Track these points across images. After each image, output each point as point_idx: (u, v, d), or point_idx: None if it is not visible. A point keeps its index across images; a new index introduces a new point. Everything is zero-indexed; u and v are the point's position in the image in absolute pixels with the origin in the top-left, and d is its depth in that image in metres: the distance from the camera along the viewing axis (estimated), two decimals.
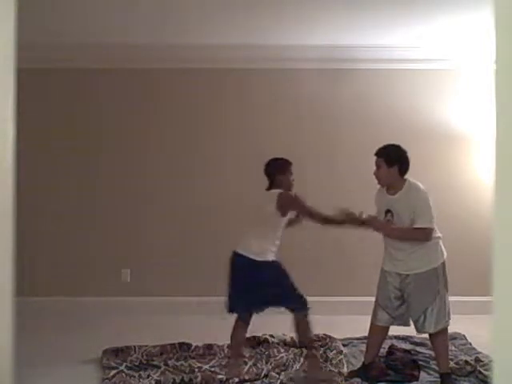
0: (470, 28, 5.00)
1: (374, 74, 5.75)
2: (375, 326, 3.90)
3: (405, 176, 3.78)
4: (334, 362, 4.13)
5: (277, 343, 4.51)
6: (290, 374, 3.99)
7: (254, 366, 4.05)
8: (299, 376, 3.96)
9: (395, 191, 3.76)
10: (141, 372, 3.99)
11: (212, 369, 4.03)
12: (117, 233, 5.77)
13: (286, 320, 5.38)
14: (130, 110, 5.80)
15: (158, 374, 3.94)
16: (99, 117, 5.81)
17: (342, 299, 5.62)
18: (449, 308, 3.76)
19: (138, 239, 5.78)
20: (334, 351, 4.32)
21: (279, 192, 3.98)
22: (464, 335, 4.81)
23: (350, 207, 3.81)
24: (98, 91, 5.79)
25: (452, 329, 4.82)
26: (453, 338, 4.69)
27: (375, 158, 3.81)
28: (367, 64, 5.69)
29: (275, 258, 4.00)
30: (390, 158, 3.74)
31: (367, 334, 4.00)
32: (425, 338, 4.53)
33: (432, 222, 3.66)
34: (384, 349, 4.28)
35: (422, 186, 3.76)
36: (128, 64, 5.69)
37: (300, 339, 4.08)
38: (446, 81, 5.76)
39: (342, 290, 5.69)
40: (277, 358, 4.21)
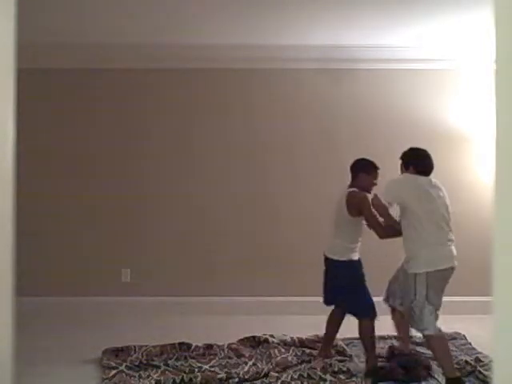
0: (470, 28, 5.00)
1: (374, 74, 5.75)
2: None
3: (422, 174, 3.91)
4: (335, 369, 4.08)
5: (277, 343, 4.51)
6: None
7: (253, 366, 4.05)
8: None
9: None
10: (141, 372, 3.99)
11: (212, 369, 4.03)
12: (117, 233, 5.77)
13: (286, 320, 5.39)
14: (130, 110, 5.80)
15: (157, 374, 3.94)
16: (99, 117, 5.81)
17: None
18: (429, 318, 3.63)
19: (138, 239, 5.78)
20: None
21: (349, 190, 3.99)
22: (464, 335, 4.81)
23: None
24: (98, 91, 5.79)
25: (452, 329, 4.84)
26: (453, 338, 4.69)
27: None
28: (367, 64, 5.69)
29: (352, 258, 4.00)
30: (404, 160, 3.96)
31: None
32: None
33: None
34: (382, 349, 4.28)
35: (406, 177, 3.90)
36: (128, 64, 5.69)
37: (362, 343, 4.07)
38: (446, 81, 5.77)
39: None
40: (277, 358, 4.21)
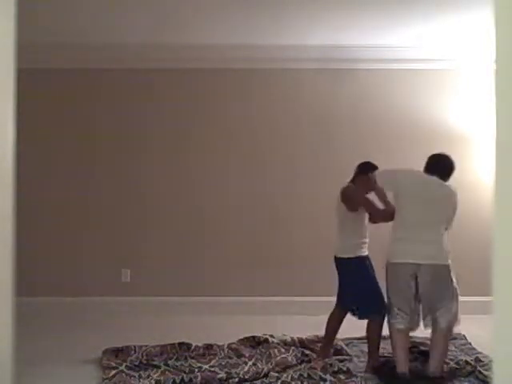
0: (470, 28, 5.00)
1: (374, 74, 5.75)
2: (397, 332, 3.81)
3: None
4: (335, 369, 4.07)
5: (277, 343, 4.50)
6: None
7: (253, 366, 4.05)
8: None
9: None
10: (141, 372, 3.98)
11: (212, 369, 4.02)
12: (117, 233, 5.77)
13: (286, 320, 5.38)
14: (130, 110, 5.80)
15: (158, 374, 3.94)
16: (99, 117, 5.81)
17: None
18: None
19: (138, 239, 5.78)
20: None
21: (342, 186, 4.07)
22: (464, 335, 4.80)
23: None
24: (98, 91, 5.79)
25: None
26: (453, 338, 4.69)
27: None
28: (367, 64, 5.69)
29: (361, 254, 4.05)
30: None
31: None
32: (425, 337, 4.54)
33: None
34: (384, 349, 4.27)
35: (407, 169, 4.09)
36: (128, 64, 5.69)
37: (368, 341, 4.06)
38: (445, 81, 5.77)
39: None
40: (277, 358, 4.21)
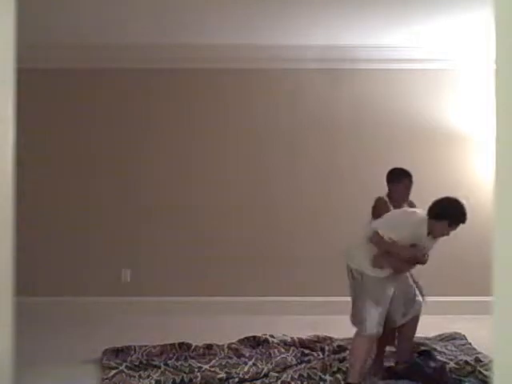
0: (470, 28, 5.00)
1: (374, 74, 5.75)
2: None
3: None
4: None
5: (277, 343, 4.50)
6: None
7: (253, 366, 4.05)
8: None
9: None
10: (141, 372, 3.98)
11: (212, 369, 4.02)
12: (117, 233, 5.77)
13: (286, 320, 5.39)
14: (130, 110, 5.79)
15: (158, 374, 3.94)
16: (99, 117, 5.80)
17: (342, 299, 5.60)
18: None
19: (138, 239, 5.77)
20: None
21: (376, 197, 3.99)
22: (464, 335, 4.80)
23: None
24: (98, 91, 5.79)
25: (452, 329, 4.85)
26: (453, 338, 4.70)
27: None
28: (367, 64, 5.69)
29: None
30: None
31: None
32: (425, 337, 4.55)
33: None
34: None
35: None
36: (127, 64, 5.68)
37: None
38: (445, 81, 5.76)
39: (342, 290, 5.67)
40: (277, 358, 4.21)
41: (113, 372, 3.96)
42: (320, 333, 4.65)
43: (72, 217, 5.74)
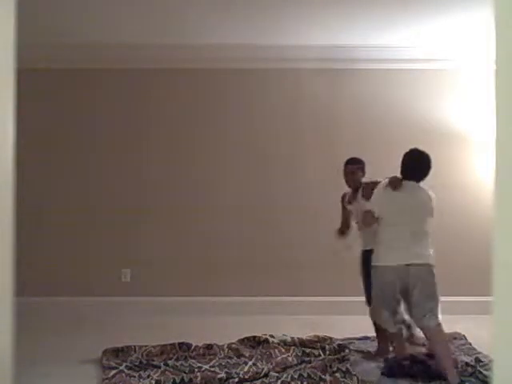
0: (470, 28, 5.00)
1: (374, 73, 5.75)
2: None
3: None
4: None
5: (277, 343, 4.50)
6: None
7: (253, 366, 4.05)
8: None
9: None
10: (141, 372, 3.98)
11: (212, 369, 4.02)
12: (117, 233, 5.77)
13: (286, 320, 5.38)
14: (130, 110, 5.80)
15: (158, 374, 3.94)
16: (99, 117, 5.81)
17: (342, 299, 5.61)
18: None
19: (138, 239, 5.78)
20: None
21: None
22: (464, 335, 4.80)
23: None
24: (98, 91, 5.79)
25: (452, 329, 4.84)
26: (453, 338, 4.69)
27: None
28: (367, 64, 5.69)
29: (362, 248, 4.31)
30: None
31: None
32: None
33: None
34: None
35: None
36: (128, 64, 5.69)
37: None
38: (445, 81, 5.77)
39: (342, 290, 5.68)
40: (277, 358, 4.21)
41: (113, 372, 3.96)
42: (320, 333, 4.65)
43: (72, 217, 5.74)
